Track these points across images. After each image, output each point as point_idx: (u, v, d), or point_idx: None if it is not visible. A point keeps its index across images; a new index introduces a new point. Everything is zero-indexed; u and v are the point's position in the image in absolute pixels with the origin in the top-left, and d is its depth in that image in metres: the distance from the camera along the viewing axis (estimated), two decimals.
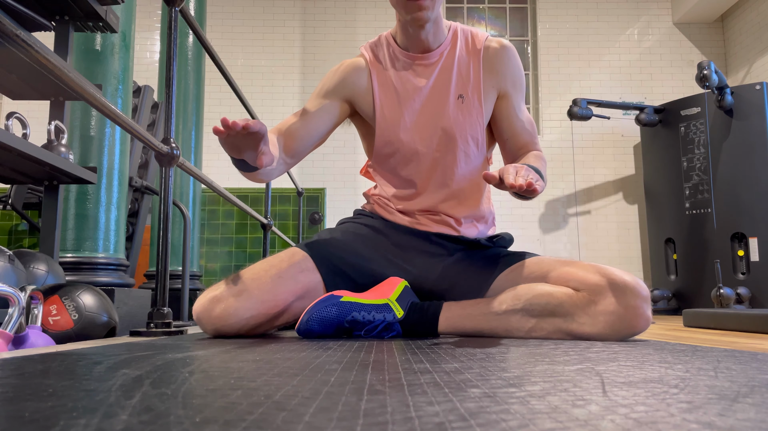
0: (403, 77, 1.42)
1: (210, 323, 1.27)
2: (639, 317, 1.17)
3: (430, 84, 1.41)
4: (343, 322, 1.23)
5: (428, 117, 1.41)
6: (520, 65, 1.46)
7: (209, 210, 5.66)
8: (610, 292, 1.17)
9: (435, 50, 1.42)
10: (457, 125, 1.41)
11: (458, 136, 1.41)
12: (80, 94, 1.19)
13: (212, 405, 0.43)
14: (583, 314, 1.19)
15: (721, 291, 4.06)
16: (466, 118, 1.41)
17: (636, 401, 0.45)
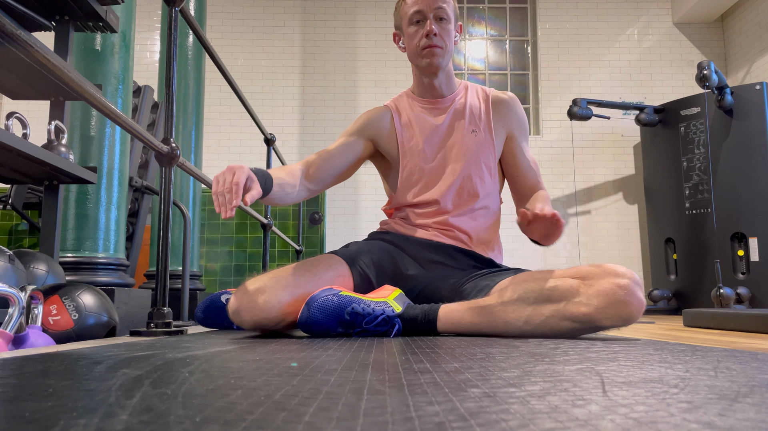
0: (421, 118, 1.62)
1: (251, 314, 1.29)
2: (631, 295, 1.20)
3: (446, 122, 1.60)
4: (344, 313, 1.24)
5: (446, 148, 1.59)
6: (523, 113, 1.66)
7: (209, 210, 5.66)
8: (603, 275, 1.23)
9: (448, 96, 1.62)
10: (472, 153, 1.57)
11: (473, 162, 1.57)
12: (80, 94, 1.19)
13: (212, 405, 0.43)
14: (578, 295, 1.22)
15: (721, 291, 4.07)
16: (479, 147, 1.58)
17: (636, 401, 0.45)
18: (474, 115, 1.60)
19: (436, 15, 1.53)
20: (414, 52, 1.56)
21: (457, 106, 1.61)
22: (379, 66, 6.12)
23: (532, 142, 6.12)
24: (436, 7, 1.52)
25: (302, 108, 6.05)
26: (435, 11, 1.52)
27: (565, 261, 5.84)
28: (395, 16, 1.64)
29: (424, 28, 1.52)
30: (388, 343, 1.07)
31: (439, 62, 1.55)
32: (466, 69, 6.45)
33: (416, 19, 1.54)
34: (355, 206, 5.82)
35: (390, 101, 1.69)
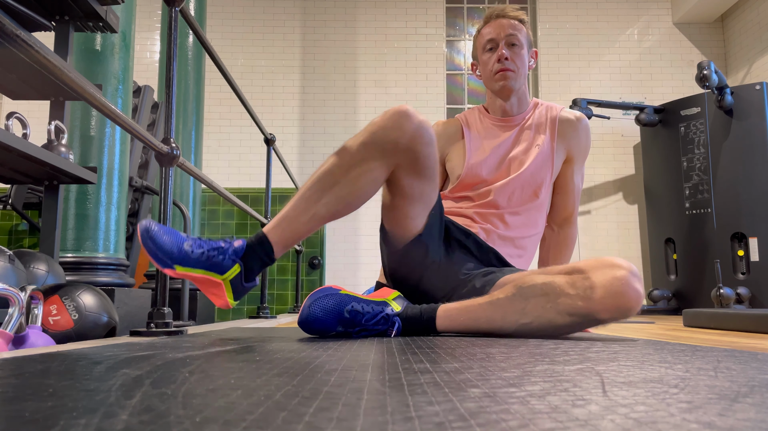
0: (489, 132, 1.70)
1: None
2: (629, 287, 1.20)
3: (512, 136, 1.68)
4: (344, 311, 1.24)
5: (509, 158, 1.66)
6: (589, 137, 1.72)
7: (209, 210, 5.66)
8: (601, 268, 1.23)
9: (517, 116, 1.70)
10: (533, 163, 1.63)
11: (530, 173, 1.63)
12: (80, 94, 1.19)
13: (212, 405, 0.43)
14: (576, 289, 1.22)
15: (721, 291, 4.07)
16: (538, 160, 1.64)
17: (636, 401, 0.45)
18: (538, 131, 1.68)
19: (508, 41, 1.63)
20: (488, 77, 1.66)
21: (523, 125, 1.69)
22: (379, 66, 6.12)
23: None
24: (508, 34, 1.63)
25: (302, 108, 6.05)
26: (507, 38, 1.63)
27: None
28: (473, 48, 1.74)
29: (497, 53, 1.63)
30: (388, 343, 1.07)
31: (511, 85, 1.64)
32: (466, 69, 6.45)
33: (489, 46, 1.65)
34: None
35: (461, 115, 1.78)
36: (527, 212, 1.64)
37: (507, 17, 1.65)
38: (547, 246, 1.80)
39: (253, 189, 5.77)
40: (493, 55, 1.64)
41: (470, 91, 6.41)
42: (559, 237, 1.77)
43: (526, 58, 1.67)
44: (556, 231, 1.78)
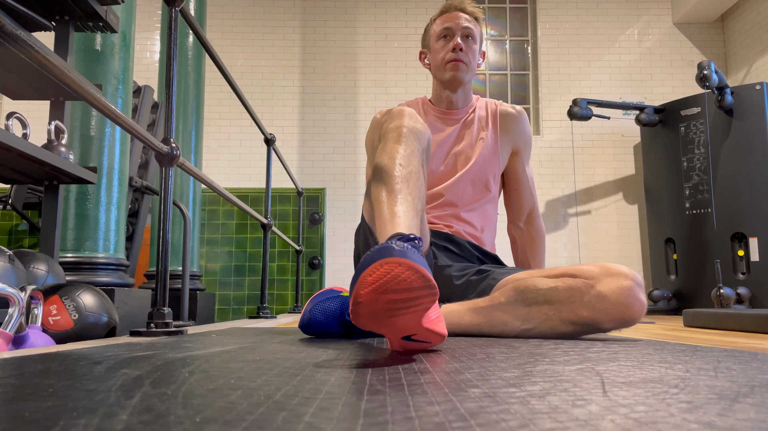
0: (433, 125, 1.67)
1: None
2: (634, 298, 1.19)
3: (456, 130, 1.67)
4: (345, 314, 1.23)
5: (454, 153, 1.65)
6: (529, 129, 1.74)
7: (209, 210, 5.66)
8: (605, 276, 1.21)
9: (461, 109, 1.69)
10: (479, 157, 1.63)
11: (478, 167, 1.63)
12: (80, 94, 1.19)
13: (212, 405, 0.43)
14: (579, 297, 1.21)
15: (721, 291, 4.06)
16: (484, 154, 1.64)
17: (636, 401, 0.45)
18: (481, 125, 1.67)
19: (464, 33, 1.61)
20: (438, 66, 1.64)
21: (467, 118, 1.69)
22: (379, 66, 6.12)
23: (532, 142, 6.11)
24: (465, 26, 1.61)
25: (302, 108, 6.05)
26: (463, 29, 1.61)
27: (565, 261, 5.84)
28: (424, 36, 1.72)
29: (451, 42, 1.61)
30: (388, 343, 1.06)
31: (462, 77, 1.62)
32: None
33: (444, 34, 1.62)
34: (355, 206, 5.81)
35: (405, 103, 1.71)
36: (482, 207, 1.65)
37: (465, 11, 1.64)
38: (520, 247, 1.79)
39: (253, 189, 5.77)
40: (448, 43, 1.62)
41: None
42: (530, 234, 1.77)
43: (478, 54, 1.66)
44: (524, 229, 1.78)
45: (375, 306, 0.74)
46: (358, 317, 0.77)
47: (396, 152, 1.14)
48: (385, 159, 1.15)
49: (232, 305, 5.56)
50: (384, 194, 1.08)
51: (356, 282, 0.74)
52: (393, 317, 0.77)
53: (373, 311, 0.75)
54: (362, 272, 0.74)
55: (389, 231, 0.98)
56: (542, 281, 1.27)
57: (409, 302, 0.76)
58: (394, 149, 1.15)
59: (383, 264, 0.73)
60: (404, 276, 0.74)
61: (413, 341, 0.86)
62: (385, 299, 0.74)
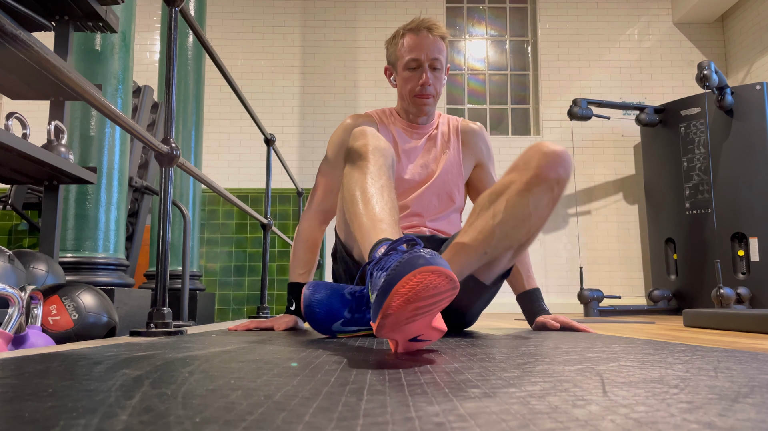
0: (401, 134, 1.70)
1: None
2: (548, 145, 1.33)
3: (422, 143, 1.70)
4: (345, 294, 1.21)
5: (422, 164, 1.68)
6: (490, 141, 1.78)
7: (209, 210, 5.66)
8: (527, 151, 1.37)
9: (426, 125, 1.73)
10: (443, 170, 1.67)
11: (442, 180, 1.67)
12: (80, 94, 1.19)
13: (212, 405, 0.43)
14: (516, 172, 1.36)
15: (721, 291, 4.06)
16: (448, 167, 1.69)
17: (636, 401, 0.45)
18: (444, 140, 1.71)
19: (432, 65, 1.61)
20: (406, 96, 1.65)
21: (431, 133, 1.72)
22: (379, 66, 6.12)
23: (533, 142, 6.11)
24: (433, 57, 1.60)
25: (302, 108, 6.05)
26: (431, 61, 1.60)
27: (565, 261, 5.84)
28: (389, 50, 1.69)
29: (419, 75, 1.61)
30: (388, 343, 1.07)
31: (428, 110, 1.67)
32: (466, 69, 6.45)
33: (412, 66, 1.61)
34: None
35: (374, 112, 1.74)
36: (447, 217, 1.68)
37: (433, 34, 1.61)
38: None
39: (253, 189, 5.77)
40: (415, 74, 1.62)
41: (470, 91, 6.41)
42: None
43: (443, 79, 1.68)
44: None
45: (402, 316, 0.75)
46: (383, 328, 0.77)
47: (366, 168, 1.18)
48: (356, 175, 1.18)
49: (232, 305, 5.56)
50: (361, 206, 1.09)
51: (388, 294, 0.74)
52: (412, 323, 0.78)
53: (399, 320, 0.76)
54: (395, 284, 0.73)
55: (375, 238, 0.98)
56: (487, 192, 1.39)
57: (433, 305, 0.77)
58: (364, 165, 1.19)
59: (416, 274, 0.73)
60: (436, 282, 0.74)
61: (418, 341, 0.87)
62: (413, 307, 0.74)
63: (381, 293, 0.75)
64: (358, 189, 1.14)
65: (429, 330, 0.84)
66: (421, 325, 0.81)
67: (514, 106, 6.38)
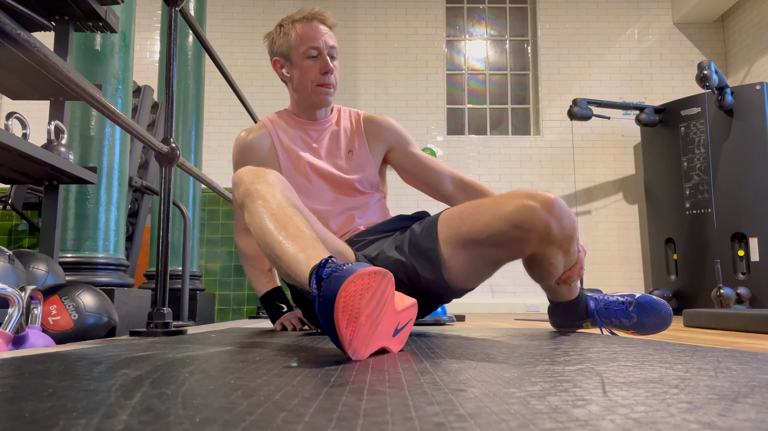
0: (299, 138, 1.64)
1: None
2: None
3: (324, 144, 1.65)
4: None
5: (325, 168, 1.61)
6: (397, 126, 1.70)
7: (209, 210, 5.66)
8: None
9: (323, 119, 1.67)
10: (353, 169, 1.63)
11: (358, 177, 1.62)
12: (80, 94, 1.19)
13: (212, 406, 0.43)
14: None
15: (721, 291, 4.06)
16: (357, 166, 1.63)
17: (636, 401, 0.45)
18: (348, 136, 1.66)
19: (331, 53, 1.57)
20: (306, 87, 1.58)
21: (333, 129, 1.67)
22: (379, 66, 6.12)
23: (533, 142, 6.12)
24: (331, 45, 1.56)
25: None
26: (330, 50, 1.56)
27: None
28: (276, 41, 1.60)
29: (320, 64, 1.55)
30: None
31: (330, 100, 1.62)
32: (467, 69, 6.45)
33: (312, 54, 1.55)
34: None
35: (266, 120, 1.67)
36: (374, 205, 1.63)
37: (327, 24, 1.57)
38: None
39: None
40: (316, 63, 1.55)
41: (470, 91, 6.41)
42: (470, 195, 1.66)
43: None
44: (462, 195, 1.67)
45: (362, 333, 0.77)
46: (357, 353, 0.78)
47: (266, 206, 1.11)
48: (257, 221, 1.10)
49: (232, 305, 5.56)
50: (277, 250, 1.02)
51: (337, 337, 0.76)
52: (377, 327, 0.80)
53: (364, 337, 0.78)
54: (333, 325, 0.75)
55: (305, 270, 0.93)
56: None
57: (380, 303, 0.80)
58: (262, 206, 1.11)
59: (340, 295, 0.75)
60: (360, 288, 0.76)
61: (402, 330, 0.90)
62: (366, 321, 0.77)
63: (331, 336, 0.77)
64: (267, 236, 1.06)
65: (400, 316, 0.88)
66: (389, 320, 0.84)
67: (514, 106, 6.38)
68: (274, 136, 1.63)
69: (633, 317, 1.46)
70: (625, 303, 1.49)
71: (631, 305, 1.48)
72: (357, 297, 0.75)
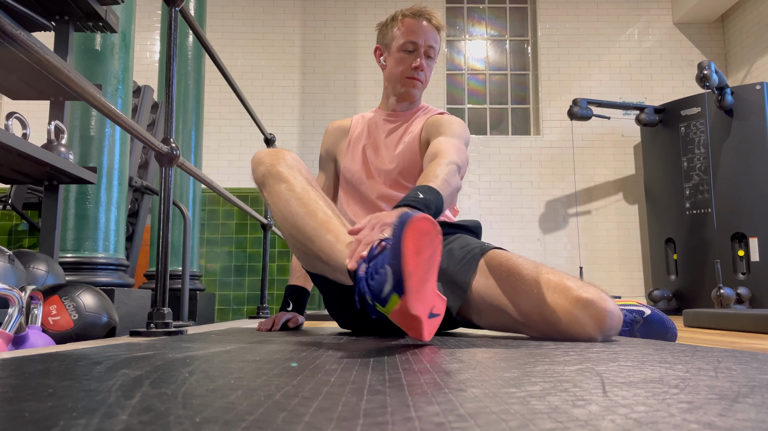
0: (374, 128, 1.68)
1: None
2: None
3: (389, 136, 1.66)
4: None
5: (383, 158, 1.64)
6: (445, 122, 1.60)
7: (209, 210, 5.66)
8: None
9: (403, 112, 1.68)
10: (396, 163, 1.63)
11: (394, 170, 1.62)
12: (80, 94, 1.19)
13: (212, 405, 0.43)
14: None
15: (721, 291, 4.06)
16: (408, 158, 1.63)
17: (636, 401, 0.45)
18: (409, 129, 1.65)
19: (427, 52, 1.60)
20: (396, 77, 1.63)
21: (406, 125, 1.68)
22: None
23: (533, 142, 6.12)
24: (430, 45, 1.60)
25: (302, 108, 6.05)
26: (428, 49, 1.60)
27: (565, 261, 5.84)
28: (384, 31, 1.70)
29: (413, 58, 1.60)
30: (388, 343, 1.07)
31: (415, 93, 1.64)
32: (466, 69, 6.45)
33: (409, 48, 1.60)
34: None
35: (360, 115, 1.76)
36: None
37: (432, 24, 1.62)
38: None
39: (253, 189, 5.76)
40: (410, 57, 1.60)
41: (470, 91, 6.41)
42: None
43: (433, 70, 1.67)
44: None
45: (420, 273, 0.81)
46: (411, 292, 0.81)
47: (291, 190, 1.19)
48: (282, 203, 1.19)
49: (232, 305, 5.56)
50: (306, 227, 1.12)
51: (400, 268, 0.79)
52: (427, 281, 0.84)
53: (420, 279, 0.81)
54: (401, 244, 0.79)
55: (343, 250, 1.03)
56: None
57: (433, 256, 0.85)
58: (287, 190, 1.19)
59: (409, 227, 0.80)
60: (425, 227, 0.82)
61: (433, 317, 0.93)
62: (425, 263, 0.81)
63: (393, 259, 0.80)
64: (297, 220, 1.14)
65: (438, 299, 0.92)
66: (432, 286, 0.88)
67: (514, 106, 6.38)
68: (354, 126, 1.72)
69: (636, 335, 1.37)
70: (633, 322, 1.38)
71: (637, 324, 1.38)
72: (421, 235, 0.80)
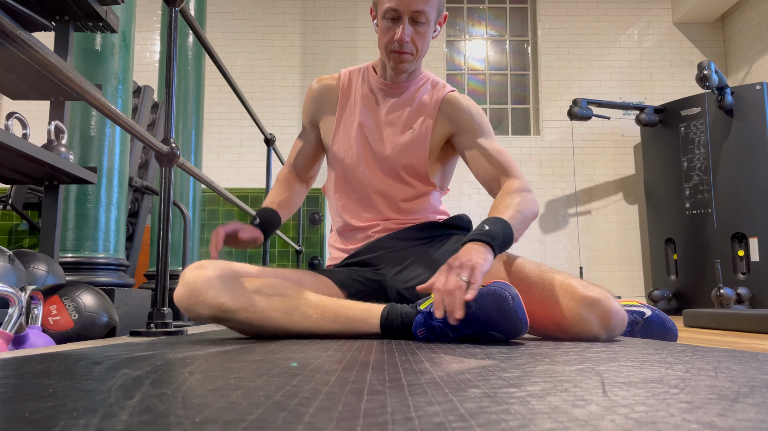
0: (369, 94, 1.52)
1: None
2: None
3: (388, 109, 1.50)
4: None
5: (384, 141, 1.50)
6: (473, 113, 1.49)
7: (209, 210, 5.66)
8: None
9: (401, 84, 1.50)
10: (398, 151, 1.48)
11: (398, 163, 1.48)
12: (80, 94, 1.19)
13: (212, 405, 0.43)
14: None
15: (721, 291, 4.06)
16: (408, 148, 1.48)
17: (636, 401, 0.45)
18: (413, 113, 1.49)
19: (413, 17, 1.35)
20: (383, 48, 1.42)
21: (406, 97, 1.50)
22: None
23: (533, 142, 6.11)
24: (415, 9, 1.33)
25: (302, 108, 6.05)
26: (412, 13, 1.34)
27: (565, 261, 5.84)
28: None
29: (396, 29, 1.36)
30: (388, 343, 1.07)
31: (406, 67, 1.43)
32: (466, 69, 6.45)
33: (391, 16, 1.35)
34: None
35: (347, 70, 1.56)
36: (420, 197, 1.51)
37: None
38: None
39: (253, 189, 5.76)
40: (394, 27, 1.36)
41: (470, 91, 6.41)
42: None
43: (430, 33, 1.41)
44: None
45: None
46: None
47: (267, 318, 1.20)
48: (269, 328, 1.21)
49: None
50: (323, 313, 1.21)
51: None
52: None
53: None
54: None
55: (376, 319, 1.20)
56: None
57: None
58: (264, 319, 1.20)
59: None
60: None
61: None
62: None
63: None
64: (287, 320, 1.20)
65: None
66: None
67: (514, 106, 6.38)
68: (344, 89, 1.53)
69: (636, 336, 1.36)
70: (634, 323, 1.36)
71: (638, 325, 1.36)
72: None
